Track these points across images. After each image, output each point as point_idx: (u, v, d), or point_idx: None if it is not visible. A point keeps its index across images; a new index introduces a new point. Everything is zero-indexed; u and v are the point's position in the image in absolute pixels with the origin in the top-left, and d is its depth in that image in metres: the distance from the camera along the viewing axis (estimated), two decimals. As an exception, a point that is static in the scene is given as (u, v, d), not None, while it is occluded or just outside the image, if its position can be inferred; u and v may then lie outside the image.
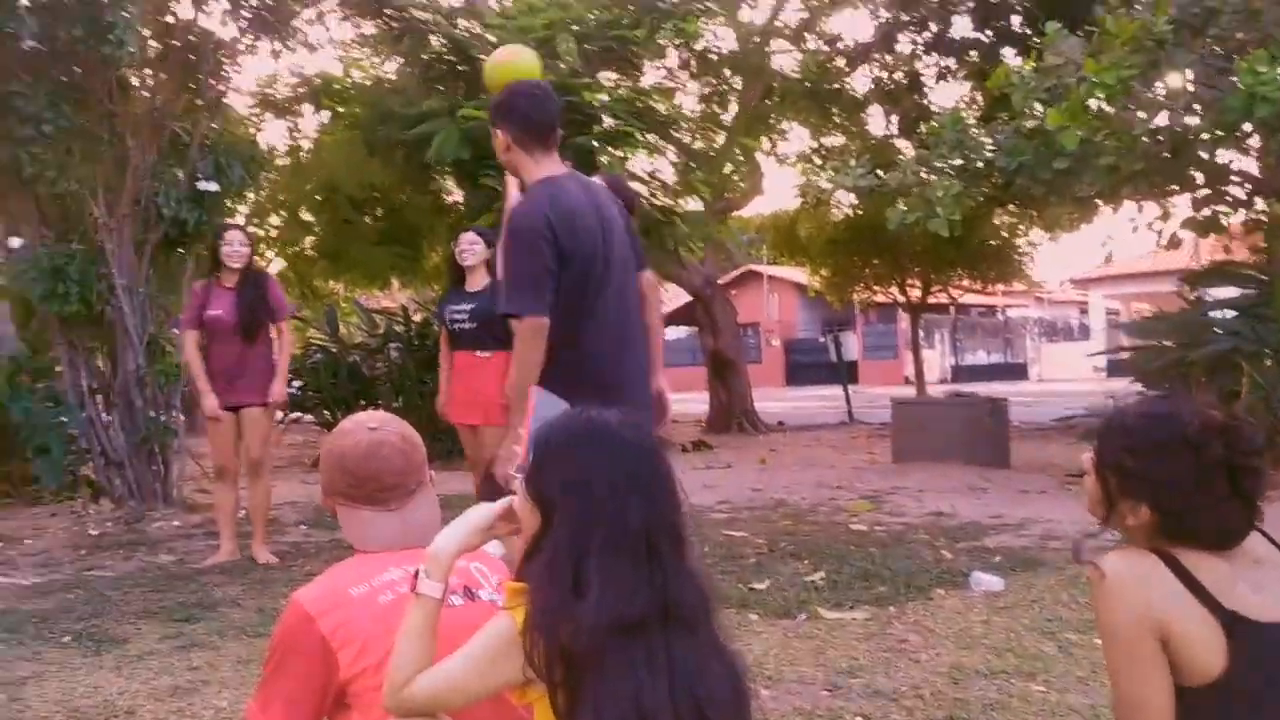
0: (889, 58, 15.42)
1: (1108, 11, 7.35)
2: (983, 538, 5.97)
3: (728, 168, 15.10)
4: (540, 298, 3.03)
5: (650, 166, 12.30)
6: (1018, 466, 9.38)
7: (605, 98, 10.35)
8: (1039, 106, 7.42)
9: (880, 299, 20.50)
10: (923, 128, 9.45)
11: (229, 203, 8.74)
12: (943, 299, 21.34)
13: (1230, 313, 8.69)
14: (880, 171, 8.49)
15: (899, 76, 15.43)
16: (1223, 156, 7.96)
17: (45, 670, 3.89)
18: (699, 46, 14.19)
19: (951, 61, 14.53)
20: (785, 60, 15.99)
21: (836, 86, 15.56)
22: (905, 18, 14.48)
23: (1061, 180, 7.40)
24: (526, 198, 3.17)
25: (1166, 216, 8.57)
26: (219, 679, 3.68)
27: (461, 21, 11.25)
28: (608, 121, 10.12)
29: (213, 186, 7.51)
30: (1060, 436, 11.98)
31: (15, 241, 7.53)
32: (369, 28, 12.78)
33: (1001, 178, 7.58)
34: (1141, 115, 7.13)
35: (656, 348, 3.42)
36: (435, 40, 10.75)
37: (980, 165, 7.60)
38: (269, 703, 1.75)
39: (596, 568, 1.46)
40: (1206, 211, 8.06)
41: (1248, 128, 7.01)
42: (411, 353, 11.53)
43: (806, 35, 15.99)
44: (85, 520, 7.45)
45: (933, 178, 7.63)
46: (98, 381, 7.70)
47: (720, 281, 17.94)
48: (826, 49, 15.84)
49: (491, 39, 10.12)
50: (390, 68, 13.28)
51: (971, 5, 13.78)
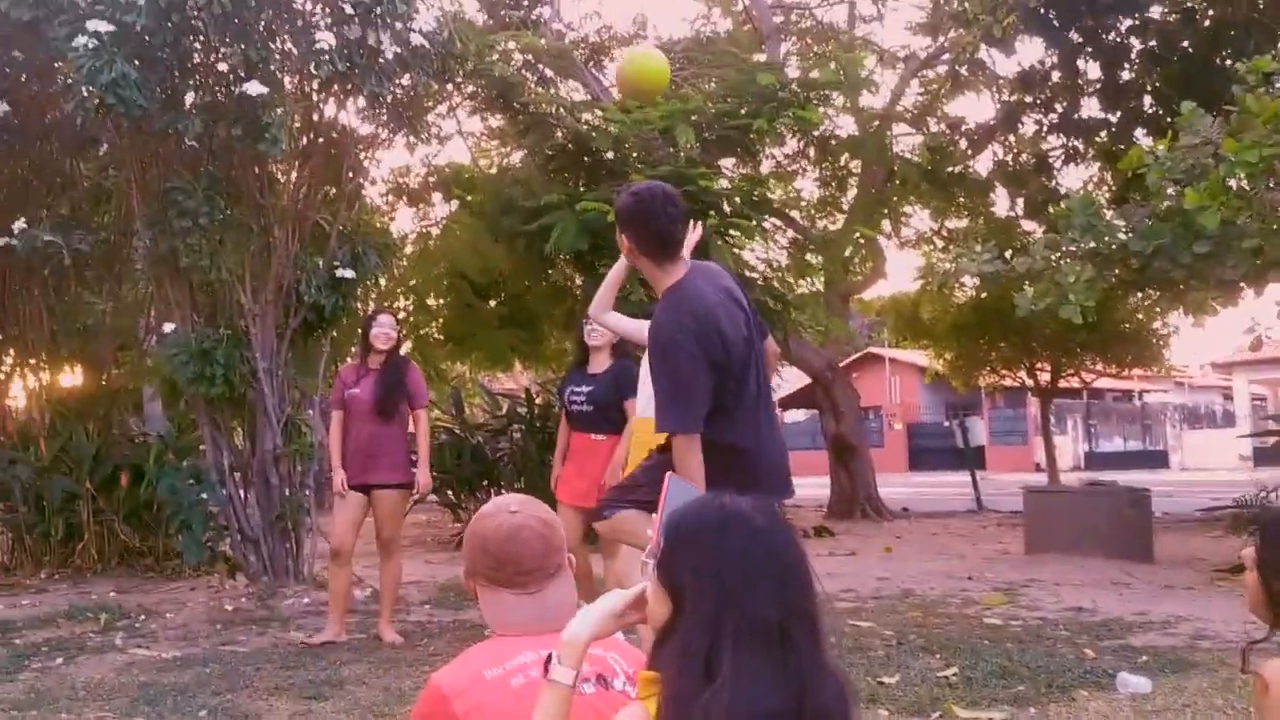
0: (1013, 139, 15.25)
1: (1246, 91, 7.14)
2: (1127, 636, 5.68)
3: (848, 251, 15.06)
4: (690, 413, 3.13)
5: (765, 253, 12.38)
6: (1161, 560, 8.93)
7: (725, 184, 10.48)
8: (1175, 188, 7.21)
9: (1008, 382, 19.99)
10: (1051, 210, 9.27)
11: (363, 289, 9.12)
12: (1074, 383, 20.66)
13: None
14: (1007, 255, 8.33)
15: (1024, 158, 15.23)
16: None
17: (184, 743, 4.00)
18: (818, 131, 14.29)
19: (1079, 143, 14.28)
20: (906, 143, 15.99)
21: (959, 169, 15.44)
22: (1030, 99, 14.32)
23: (1202, 264, 7.13)
24: (663, 308, 3.25)
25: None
26: (348, 758, 3.72)
27: (584, 115, 11.60)
28: (725, 208, 10.23)
29: (349, 274, 7.82)
30: (1207, 529, 11.38)
31: (168, 326, 7.94)
32: (497, 120, 13.27)
33: (1137, 261, 7.35)
34: (1286, 195, 6.87)
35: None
36: (559, 133, 11.08)
37: (1114, 249, 7.38)
38: None
39: (729, 657, 1.44)
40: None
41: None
42: (533, 434, 11.68)
43: (928, 118, 15.97)
44: (221, 595, 7.70)
45: (1063, 262, 7.45)
46: (236, 460, 8.00)
47: (841, 364, 17.77)
48: (948, 132, 15.77)
49: (613, 131, 10.39)
50: (516, 158, 13.73)
51: (1099, 86, 13.58)
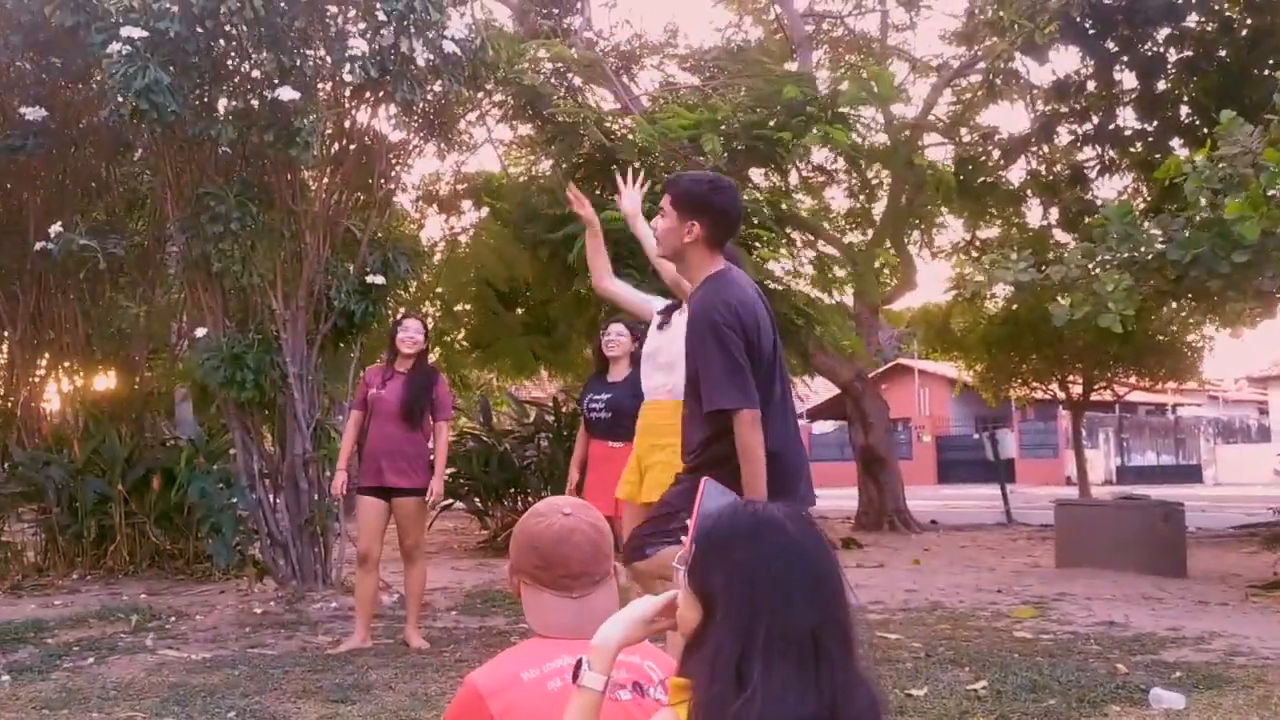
0: (1047, 149, 15.15)
1: (1287, 99, 7.06)
2: (1160, 651, 5.61)
3: (877, 263, 15.00)
4: (748, 390, 3.10)
5: (791, 265, 12.32)
6: (1195, 575, 8.82)
7: (754, 194, 10.45)
8: (1211, 197, 7.13)
9: (1039, 395, 19.83)
10: (1086, 220, 9.19)
11: (392, 296, 9.17)
12: (1107, 396, 20.47)
13: None
14: (1041, 266, 8.26)
15: (1059, 168, 15.12)
16: None
17: (212, 744, 4.03)
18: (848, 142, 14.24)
19: (1114, 153, 14.16)
20: (938, 153, 15.90)
21: (992, 180, 15.34)
22: (1064, 109, 14.22)
23: (1240, 274, 7.05)
24: (709, 290, 3.21)
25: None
26: (375, 762, 3.73)
27: (611, 124, 11.61)
28: (753, 220, 10.20)
29: (380, 280, 7.87)
30: (1241, 544, 11.24)
31: (200, 331, 8.02)
32: (525, 129, 13.31)
33: (1174, 271, 7.27)
34: (1327, 206, 6.77)
35: None
36: (585, 142, 11.09)
37: (1150, 258, 7.31)
38: None
39: (760, 666, 1.43)
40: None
41: None
42: (560, 442, 11.70)
43: (960, 128, 15.88)
44: (250, 598, 7.75)
45: (1101, 271, 7.38)
46: (266, 465, 8.06)
47: (870, 375, 17.68)
48: (981, 142, 15.68)
49: (638, 142, 10.41)
50: (544, 166, 13.77)
51: (1135, 95, 13.46)
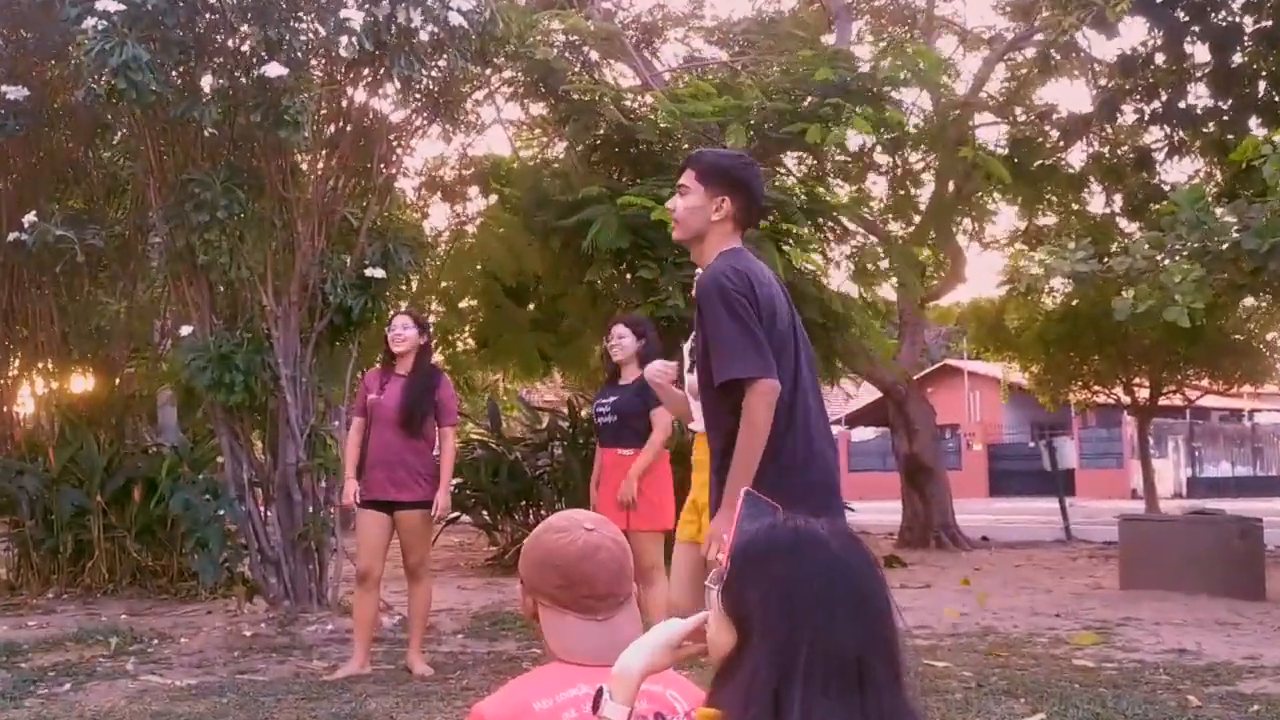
0: (1110, 129, 15.05)
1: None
2: (1236, 682, 5.56)
3: (922, 255, 14.93)
4: (765, 357, 3.01)
5: (828, 257, 12.25)
6: (1275, 598, 8.75)
7: (786, 181, 10.41)
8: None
9: (1101, 399, 19.72)
10: (1153, 208, 9.14)
11: (393, 290, 9.21)
12: (1176, 400, 20.32)
13: None
14: (1103, 256, 8.22)
15: (1123, 150, 15.02)
16: None
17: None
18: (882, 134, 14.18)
19: (1184, 133, 14.05)
20: (990, 134, 15.82)
21: (1049, 163, 15.25)
22: (1130, 86, 14.12)
23: (1325, 265, 7.00)
24: (713, 263, 3.21)
25: None
26: (373, 798, 3.74)
27: (630, 102, 11.62)
28: (783, 211, 10.17)
29: (379, 273, 7.87)
30: (1327, 565, 11.11)
31: (185, 329, 8.05)
32: (537, 108, 13.34)
33: (1250, 262, 7.21)
34: None
35: None
36: (602, 122, 11.09)
37: (1224, 248, 7.26)
38: None
39: (800, 694, 1.42)
40: None
41: None
42: (575, 450, 11.70)
43: (1014, 107, 15.81)
44: (239, 620, 7.79)
45: (1168, 262, 7.33)
46: (256, 474, 8.09)
47: (915, 378, 17.62)
48: (1037, 121, 15.60)
49: (661, 122, 10.41)
50: (558, 149, 13.80)
51: (1208, 70, 13.35)
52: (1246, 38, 13.02)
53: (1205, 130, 13.67)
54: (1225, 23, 12.93)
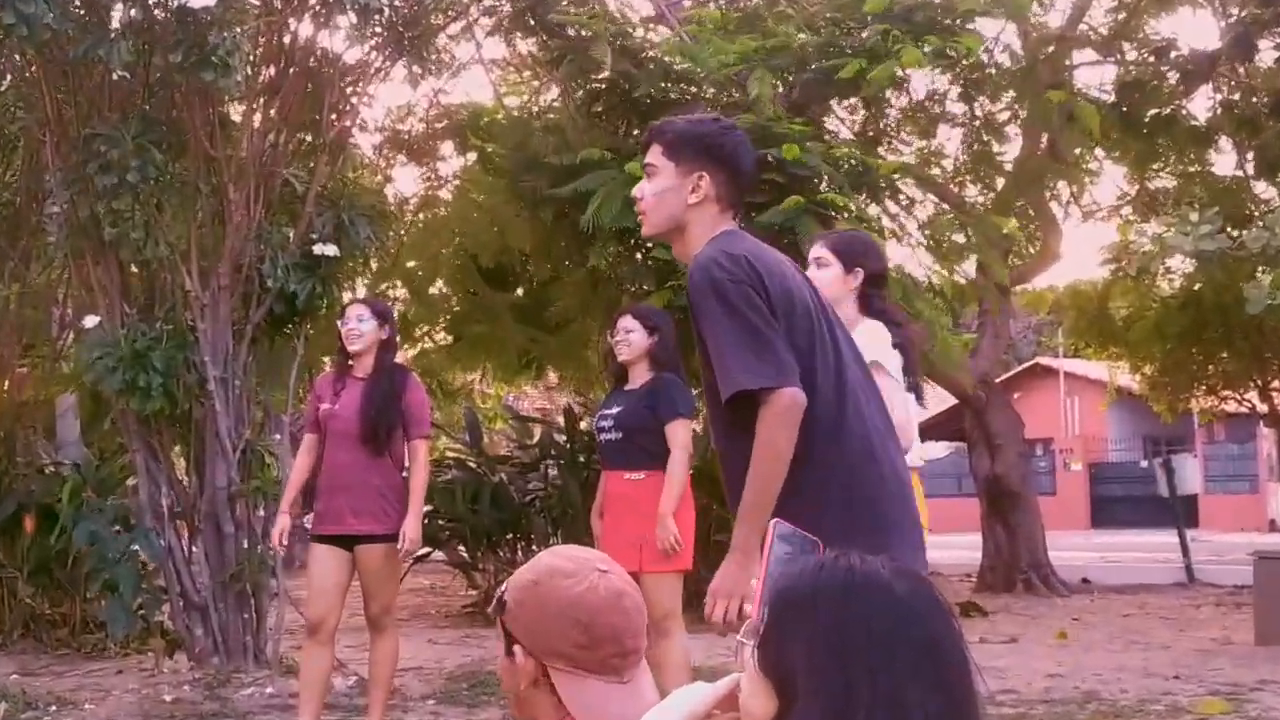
0: (1244, 71, 15.01)
1: None
2: (1401, 762, 5.56)
3: (1006, 228, 14.88)
4: (780, 360, 2.97)
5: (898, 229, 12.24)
6: None
7: (826, 143, 10.39)
8: None
9: (1231, 408, 19.68)
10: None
11: (349, 271, 9.24)
12: (1325, 410, 20.30)
13: None
14: (1234, 229, 8.23)
15: (1259, 97, 14.97)
16: None
17: None
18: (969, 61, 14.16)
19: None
20: (1092, 76, 15.81)
21: (1166, 112, 15.22)
22: (1268, 16, 14.06)
23: None
24: (708, 248, 3.16)
25: None
26: None
27: (643, 35, 11.64)
28: (821, 183, 10.17)
29: (331, 250, 7.87)
30: None
31: (89, 320, 8.06)
32: (526, 45, 13.34)
33: None
34: None
35: None
36: (605, 64, 11.03)
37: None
38: None
39: (859, 775, 1.44)
40: None
41: None
42: (574, 471, 11.73)
43: (1122, 42, 15.77)
44: (158, 680, 7.81)
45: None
46: (179, 500, 8.11)
47: (999, 380, 17.61)
48: (1152, 61, 15.55)
49: (675, 64, 10.44)
50: (550, 96, 13.80)
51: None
52: None
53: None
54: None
